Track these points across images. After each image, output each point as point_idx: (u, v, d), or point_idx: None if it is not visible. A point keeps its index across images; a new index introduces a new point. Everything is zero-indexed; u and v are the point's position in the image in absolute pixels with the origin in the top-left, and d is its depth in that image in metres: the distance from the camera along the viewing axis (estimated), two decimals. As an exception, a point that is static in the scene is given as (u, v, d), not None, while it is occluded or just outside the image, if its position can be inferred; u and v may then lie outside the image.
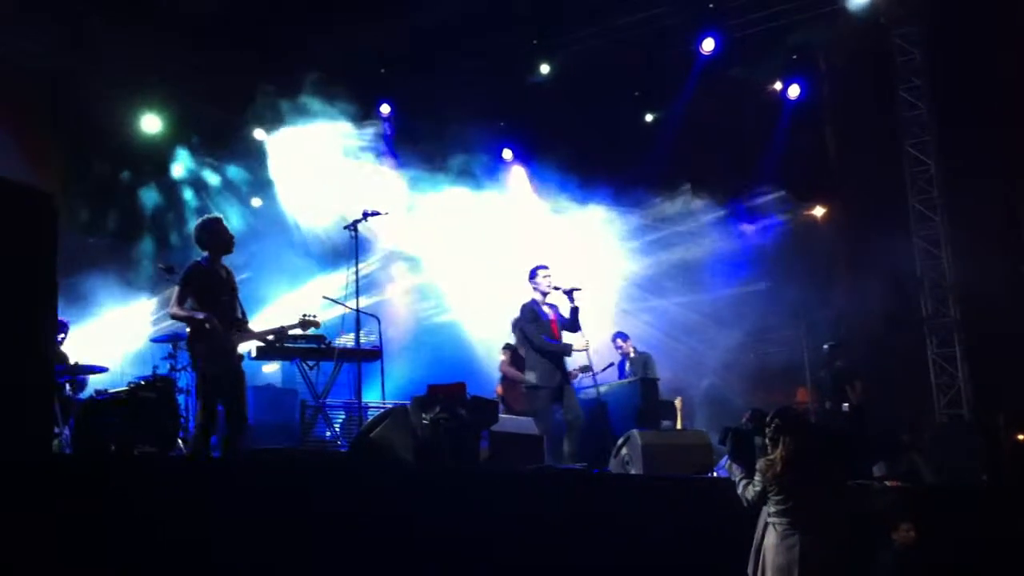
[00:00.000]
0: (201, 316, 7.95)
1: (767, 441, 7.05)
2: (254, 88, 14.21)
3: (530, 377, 9.81)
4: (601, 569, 7.56)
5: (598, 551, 7.57)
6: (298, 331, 9.34)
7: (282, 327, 9.04)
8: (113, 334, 12.70)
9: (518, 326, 10.05)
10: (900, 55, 14.42)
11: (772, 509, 6.88)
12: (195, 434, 8.11)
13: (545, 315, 9.94)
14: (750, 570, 6.95)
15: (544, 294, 10.02)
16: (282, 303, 14.16)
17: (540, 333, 9.78)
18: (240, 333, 8.32)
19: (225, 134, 14.88)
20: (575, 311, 9.91)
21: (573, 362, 10.28)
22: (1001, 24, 13.56)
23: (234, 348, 8.24)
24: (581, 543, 7.51)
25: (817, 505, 6.81)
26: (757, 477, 6.96)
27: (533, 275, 10.06)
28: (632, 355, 12.90)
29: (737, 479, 7.21)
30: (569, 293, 9.92)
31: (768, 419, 7.09)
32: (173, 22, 12.82)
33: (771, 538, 6.83)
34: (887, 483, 10.76)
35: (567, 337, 10.00)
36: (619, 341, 12.92)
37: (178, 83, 13.80)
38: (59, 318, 10.09)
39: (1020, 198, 13.56)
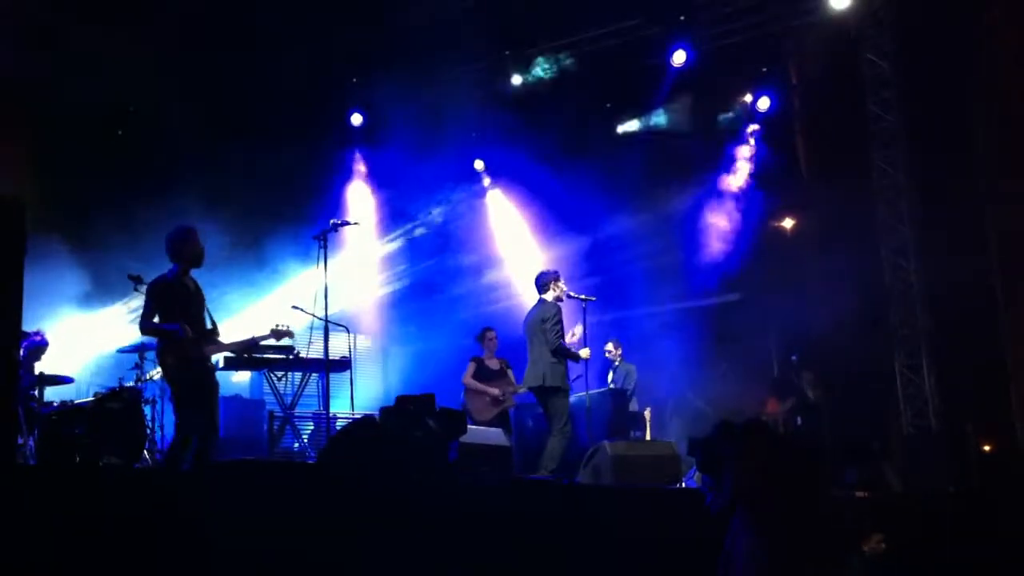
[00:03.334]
0: (170, 328, 7.91)
1: (735, 452, 7.06)
2: (227, 93, 14.13)
3: (552, 378, 9.95)
4: (570, 580, 7.55)
5: (568, 562, 7.56)
6: (271, 341, 9.31)
7: (253, 338, 9.00)
8: (77, 343, 12.54)
9: (543, 323, 10.15)
10: (869, 68, 14.49)
11: (740, 520, 6.89)
12: (172, 445, 8.06)
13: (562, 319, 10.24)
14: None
15: (556, 299, 10.32)
16: (249, 313, 14.05)
17: (560, 337, 10.08)
18: (211, 345, 8.28)
19: (195, 142, 14.76)
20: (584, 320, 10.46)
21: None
22: (970, 37, 13.67)
23: (206, 358, 8.21)
24: (551, 554, 7.50)
25: (785, 515, 6.82)
26: (725, 488, 6.97)
27: (550, 279, 10.33)
28: (618, 363, 12.95)
29: (706, 490, 7.22)
30: (584, 304, 10.44)
31: (736, 430, 7.11)
32: (145, 24, 12.72)
33: (738, 549, 6.84)
34: (856, 492, 10.83)
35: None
36: (611, 346, 12.99)
37: (152, 85, 13.67)
38: (40, 333, 10.05)
39: (987, 206, 13.65)
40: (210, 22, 12.91)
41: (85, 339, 12.61)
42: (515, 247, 15.84)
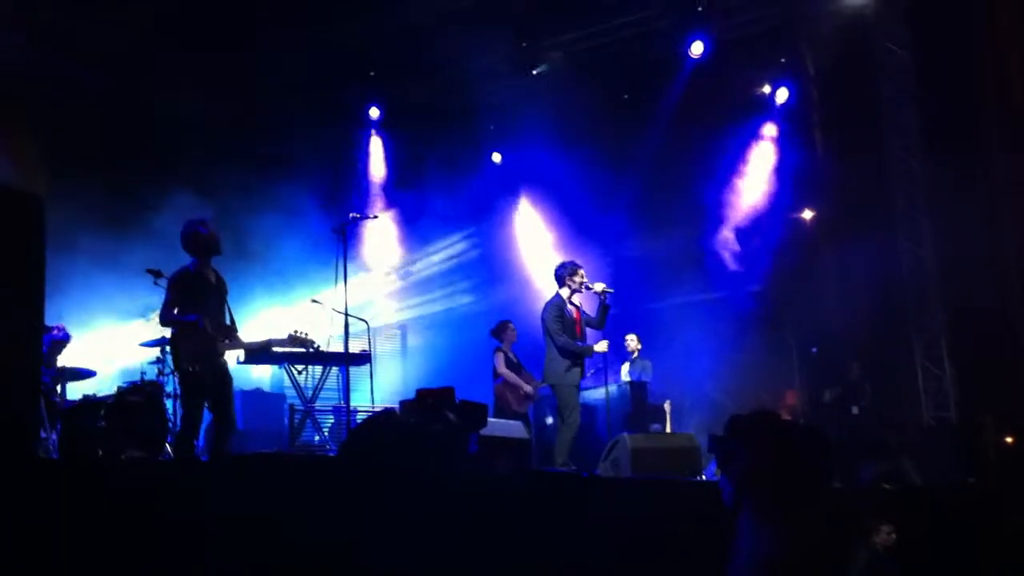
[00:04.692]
0: (192, 319, 7.97)
1: (741, 445, 7.07)
2: (241, 86, 14.16)
3: (550, 375, 9.96)
4: (589, 572, 7.56)
5: (587, 554, 7.57)
6: (286, 345, 9.43)
7: (270, 340, 9.11)
8: (111, 346, 12.61)
9: (544, 320, 10.09)
10: (886, 56, 14.43)
11: (746, 512, 6.89)
12: (178, 437, 8.11)
13: (569, 313, 10.08)
14: (728, 573, 6.96)
15: (574, 292, 10.13)
16: (271, 309, 14.11)
17: (563, 332, 9.88)
18: (227, 341, 8.33)
19: (213, 133, 14.79)
20: (607, 311, 10.15)
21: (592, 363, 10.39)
22: (987, 25, 13.59)
23: (220, 352, 8.25)
24: (570, 547, 7.51)
25: (789, 508, 6.80)
26: (732, 481, 6.98)
27: (566, 272, 10.14)
28: (636, 357, 12.95)
29: (723, 485, 7.22)
30: (602, 295, 10.12)
31: (741, 423, 7.11)
32: (154, 19, 12.76)
33: (743, 541, 6.84)
34: (874, 486, 10.80)
35: (590, 337, 10.21)
36: (633, 338, 12.97)
37: (160, 79, 13.70)
38: (62, 327, 10.10)
39: (1006, 195, 13.56)
40: (223, 16, 12.93)
41: (108, 335, 12.69)
42: (534, 238, 15.83)
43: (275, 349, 10.01)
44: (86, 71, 12.86)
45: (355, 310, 10.34)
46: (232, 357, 8.86)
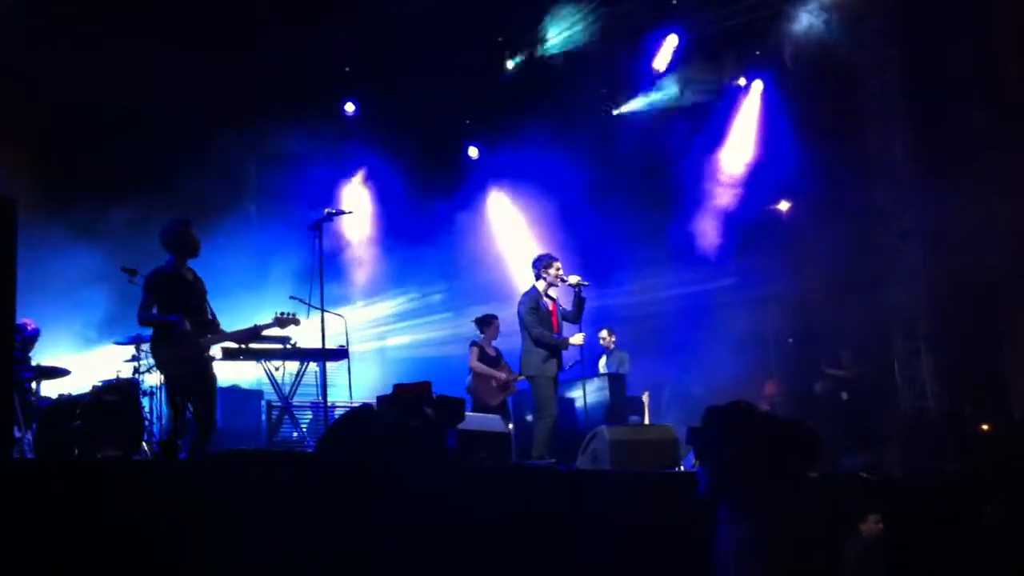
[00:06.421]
0: (169, 319, 7.92)
1: (718, 437, 7.06)
2: (220, 84, 14.09)
3: (527, 367, 9.93)
4: (569, 565, 7.55)
5: (566, 547, 7.56)
6: (275, 330, 9.35)
7: (256, 326, 9.02)
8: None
9: (519, 312, 10.08)
10: (866, 48, 14.46)
11: (726, 505, 6.88)
12: (163, 438, 8.08)
13: (545, 306, 10.06)
14: (712, 567, 6.96)
15: (550, 285, 10.12)
16: (248, 304, 14.02)
17: (538, 324, 9.86)
18: (212, 336, 8.31)
19: (191, 130, 14.70)
20: (582, 304, 10.07)
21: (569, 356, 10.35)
22: (968, 17, 13.63)
23: (203, 351, 8.21)
24: (549, 540, 7.51)
25: (768, 500, 6.79)
26: (710, 473, 6.97)
27: (542, 264, 10.14)
28: (612, 350, 12.95)
29: (699, 478, 7.21)
30: (577, 288, 10.07)
31: (718, 414, 7.09)
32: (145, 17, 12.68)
33: (723, 534, 6.83)
34: (855, 475, 10.83)
35: (567, 330, 10.18)
36: (605, 333, 12.97)
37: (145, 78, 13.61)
38: (29, 322, 9.97)
39: (986, 185, 13.61)
40: (202, 15, 12.86)
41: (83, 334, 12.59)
42: (511, 233, 15.80)
43: (252, 345, 9.95)
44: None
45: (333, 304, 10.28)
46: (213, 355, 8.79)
